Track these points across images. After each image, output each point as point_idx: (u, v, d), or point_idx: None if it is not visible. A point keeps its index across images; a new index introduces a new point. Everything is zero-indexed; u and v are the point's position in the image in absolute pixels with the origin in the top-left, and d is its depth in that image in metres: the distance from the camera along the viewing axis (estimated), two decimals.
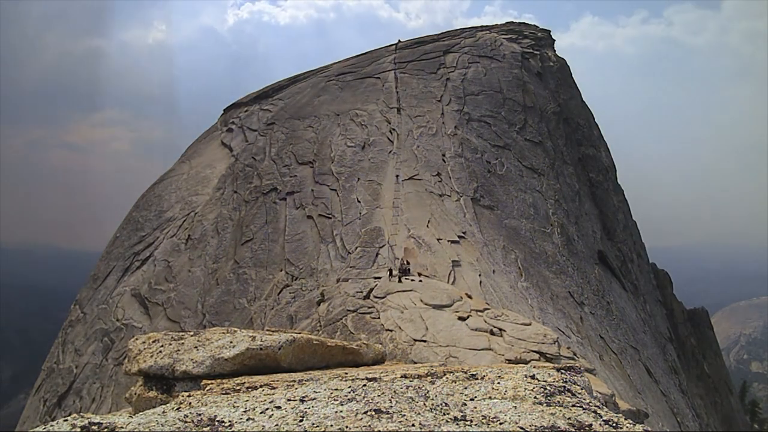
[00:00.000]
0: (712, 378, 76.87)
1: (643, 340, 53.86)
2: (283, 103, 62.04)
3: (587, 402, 4.80)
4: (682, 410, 50.57)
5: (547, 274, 44.51)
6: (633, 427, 4.24)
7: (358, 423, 3.98)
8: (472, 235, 41.70)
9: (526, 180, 52.72)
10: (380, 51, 73.91)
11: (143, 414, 4.34)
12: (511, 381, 5.25)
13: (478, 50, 67.97)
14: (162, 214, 52.99)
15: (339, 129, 53.43)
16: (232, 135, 61.14)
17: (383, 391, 4.77)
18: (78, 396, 40.65)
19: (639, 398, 39.14)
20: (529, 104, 61.10)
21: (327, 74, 67.30)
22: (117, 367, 38.54)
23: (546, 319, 36.91)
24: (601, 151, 72.06)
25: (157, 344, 6.93)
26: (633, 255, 68.29)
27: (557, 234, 49.86)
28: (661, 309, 71.06)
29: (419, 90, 59.86)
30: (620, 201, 72.67)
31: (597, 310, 47.49)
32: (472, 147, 52.51)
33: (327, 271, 37.44)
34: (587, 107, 76.96)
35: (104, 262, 52.63)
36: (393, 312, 25.27)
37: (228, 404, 4.54)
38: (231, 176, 53.22)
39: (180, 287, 43.65)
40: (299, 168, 49.73)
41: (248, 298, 39.40)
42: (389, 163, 48.18)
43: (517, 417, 4.29)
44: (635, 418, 19.81)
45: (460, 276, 34.23)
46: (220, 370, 6.40)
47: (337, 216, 42.65)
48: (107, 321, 44.45)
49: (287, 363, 6.88)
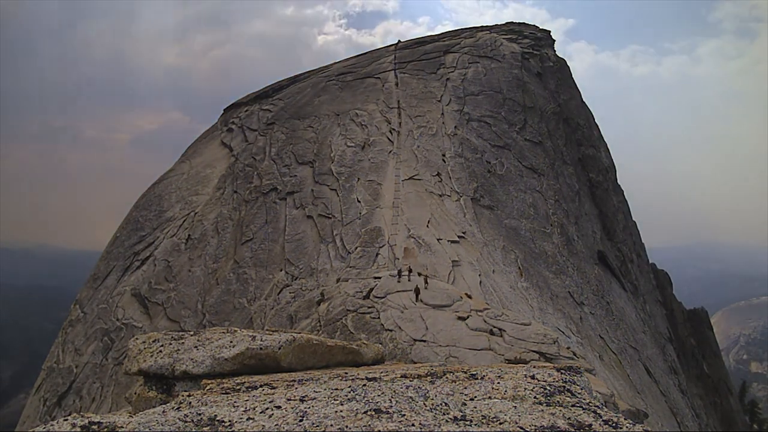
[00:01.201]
0: (711, 378, 76.87)
1: (643, 340, 53.87)
2: (283, 103, 62.03)
3: (587, 402, 4.80)
4: (681, 410, 50.59)
5: (546, 274, 44.52)
6: (632, 427, 4.25)
7: (358, 423, 3.98)
8: (472, 235, 41.71)
9: (526, 180, 52.73)
10: (380, 51, 73.91)
11: (143, 413, 4.34)
12: (511, 381, 5.25)
13: (478, 50, 67.96)
14: (162, 213, 52.98)
15: (339, 129, 53.44)
16: (232, 135, 61.14)
17: (383, 391, 4.78)
18: (78, 395, 40.65)
19: (638, 398, 39.15)
20: (529, 104, 61.10)
21: (327, 74, 67.30)
22: (117, 366, 38.54)
23: (546, 319, 36.93)
24: (601, 151, 72.07)
25: (157, 344, 6.93)
26: (633, 255, 68.30)
27: (557, 234, 49.87)
28: (660, 309, 71.07)
29: (419, 90, 59.86)
30: (620, 201, 72.68)
31: (597, 310, 47.50)
32: (472, 147, 52.52)
33: (327, 271, 37.45)
34: (587, 107, 76.95)
35: (104, 261, 52.63)
36: (393, 312, 25.29)
37: (228, 404, 4.54)
38: (231, 176, 53.21)
39: (180, 287, 43.66)
40: (299, 168, 49.74)
41: (248, 297, 39.41)
42: (389, 163, 48.19)
43: (517, 417, 4.30)
44: (635, 418, 19.82)
45: (460, 276, 34.25)
46: (220, 369, 6.40)
47: (337, 216, 42.65)
48: (107, 320, 44.45)
49: (287, 363, 6.88)
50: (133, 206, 57.92)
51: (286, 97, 63.75)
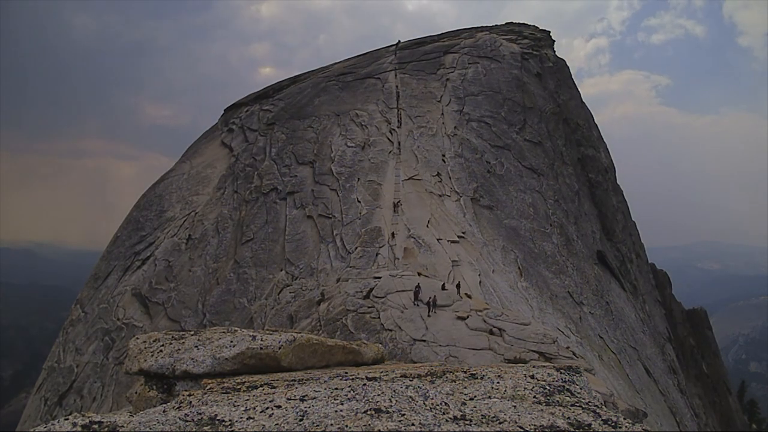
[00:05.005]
0: (710, 378, 76.87)
1: (642, 339, 53.89)
2: (284, 104, 62.01)
3: (586, 401, 4.82)
4: (680, 410, 50.61)
5: (546, 274, 44.55)
6: (632, 427, 4.26)
7: (357, 422, 3.99)
8: (472, 235, 41.74)
9: (526, 180, 52.75)
10: (380, 51, 73.89)
11: (144, 413, 4.35)
12: (510, 380, 5.27)
13: (478, 51, 67.97)
14: (162, 213, 52.97)
15: (339, 129, 53.45)
16: (233, 135, 61.12)
17: (383, 391, 4.79)
18: (79, 395, 40.65)
19: (638, 398, 39.18)
20: (528, 105, 61.10)
21: (327, 74, 67.28)
22: (118, 366, 38.55)
23: (545, 318, 36.97)
24: (600, 152, 72.04)
25: (158, 343, 6.94)
26: (632, 255, 68.31)
27: (556, 234, 49.90)
28: (660, 309, 71.07)
29: (419, 90, 59.89)
30: (619, 201, 72.66)
31: (596, 309, 47.52)
32: (472, 147, 52.54)
33: (327, 271, 37.47)
34: (586, 107, 76.92)
35: (105, 261, 52.61)
36: (393, 312, 25.31)
37: (228, 403, 4.56)
38: (231, 176, 53.20)
39: (180, 287, 43.65)
40: (299, 168, 49.74)
41: (248, 297, 39.42)
42: (389, 163, 48.21)
43: (517, 416, 4.31)
44: (634, 417, 19.83)
45: (460, 276, 34.27)
46: (221, 369, 6.41)
47: (337, 216, 42.67)
48: (108, 320, 44.45)
49: (287, 362, 6.89)
50: (134, 206, 57.88)
51: (287, 98, 63.74)
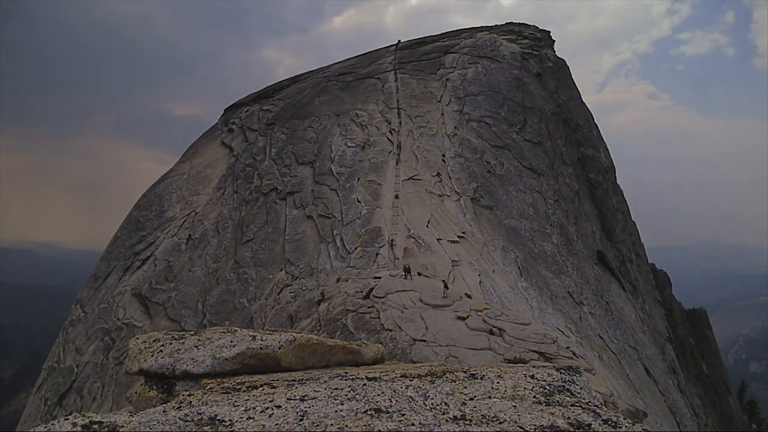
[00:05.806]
0: (710, 378, 76.91)
1: (642, 339, 53.88)
2: (284, 104, 62.03)
3: (586, 401, 4.82)
4: (680, 409, 50.62)
5: (546, 274, 44.55)
6: (632, 427, 4.26)
7: (357, 422, 3.99)
8: (472, 234, 41.74)
9: (526, 180, 52.75)
10: (380, 51, 73.92)
11: (144, 413, 4.35)
12: (510, 380, 5.27)
13: (478, 51, 67.97)
14: (162, 213, 52.96)
15: (339, 129, 53.45)
16: (233, 135, 61.13)
17: (383, 391, 4.80)
18: (79, 395, 40.65)
19: (638, 397, 39.18)
20: (528, 105, 61.10)
21: (327, 74, 67.30)
22: (118, 366, 38.55)
23: (545, 318, 36.97)
24: (600, 152, 72.05)
25: (158, 343, 6.94)
26: (632, 255, 68.31)
27: (556, 234, 49.89)
28: (660, 309, 71.07)
29: (419, 90, 59.89)
30: (619, 201, 72.67)
31: (596, 309, 47.52)
32: (472, 147, 52.54)
33: (327, 271, 37.46)
34: (586, 107, 76.93)
35: (105, 261, 52.60)
36: (393, 312, 25.30)
37: (228, 403, 4.56)
38: (231, 176, 53.20)
39: (180, 287, 43.65)
40: (299, 168, 49.74)
41: (248, 297, 39.42)
42: (389, 163, 48.21)
43: (517, 416, 4.31)
44: (634, 417, 19.83)
45: (460, 276, 34.27)
46: (221, 369, 6.41)
47: (337, 216, 42.67)
48: (108, 320, 44.44)
49: (287, 362, 6.89)
50: (134, 206, 57.87)
51: (287, 98, 63.76)
